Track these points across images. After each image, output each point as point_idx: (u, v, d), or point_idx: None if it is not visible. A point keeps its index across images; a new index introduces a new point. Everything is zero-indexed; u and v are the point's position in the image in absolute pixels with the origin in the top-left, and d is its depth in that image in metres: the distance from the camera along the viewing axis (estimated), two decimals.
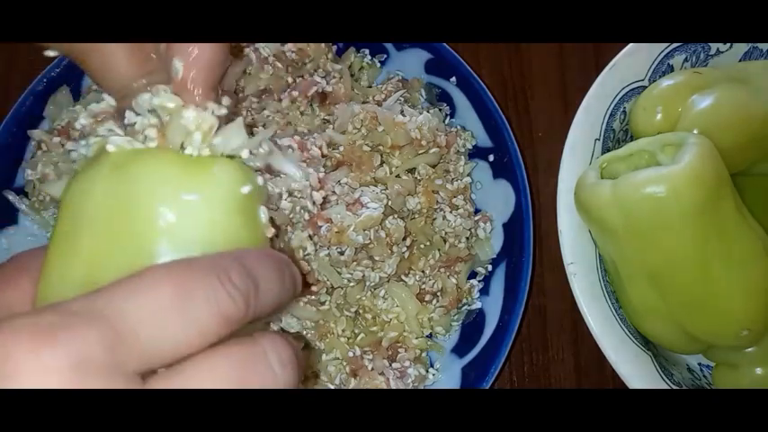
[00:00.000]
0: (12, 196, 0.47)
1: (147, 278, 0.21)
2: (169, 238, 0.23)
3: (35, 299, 0.24)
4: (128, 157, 0.24)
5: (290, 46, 0.47)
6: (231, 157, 0.26)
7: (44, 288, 0.24)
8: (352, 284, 0.44)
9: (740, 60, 0.47)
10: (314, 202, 0.41)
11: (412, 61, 0.51)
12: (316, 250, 0.42)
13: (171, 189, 0.24)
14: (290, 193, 0.42)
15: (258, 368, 0.22)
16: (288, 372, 0.23)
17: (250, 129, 0.27)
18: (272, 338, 0.23)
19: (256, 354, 0.22)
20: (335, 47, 0.50)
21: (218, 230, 0.24)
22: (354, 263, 0.43)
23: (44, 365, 0.18)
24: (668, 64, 0.45)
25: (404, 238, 0.44)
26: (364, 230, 0.42)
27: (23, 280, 0.25)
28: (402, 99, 0.48)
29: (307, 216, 0.41)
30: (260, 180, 0.26)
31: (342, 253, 0.42)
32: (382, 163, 0.45)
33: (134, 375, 0.20)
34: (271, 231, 0.27)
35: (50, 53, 0.27)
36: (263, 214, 0.26)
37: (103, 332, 0.19)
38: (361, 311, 0.45)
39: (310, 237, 0.42)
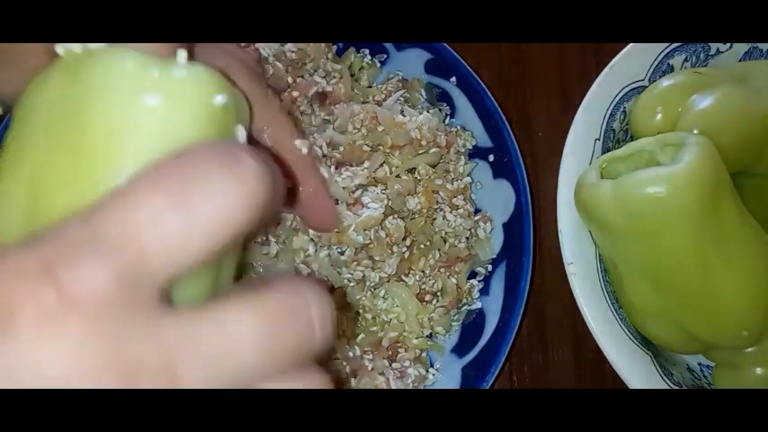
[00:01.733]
0: None
1: (138, 187, 0.18)
2: (130, 148, 0.20)
3: None
4: (80, 59, 0.21)
5: (290, 46, 0.47)
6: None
7: None
8: (352, 284, 0.44)
9: (740, 60, 0.47)
10: None
11: (412, 61, 0.51)
12: (316, 250, 0.42)
13: (129, 90, 0.20)
14: None
15: (298, 322, 0.20)
16: (326, 332, 0.20)
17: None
18: (316, 291, 0.21)
19: (298, 307, 0.20)
20: (335, 47, 0.50)
21: (186, 141, 0.20)
22: (354, 263, 0.43)
23: (47, 312, 0.16)
24: (668, 64, 0.45)
25: (404, 238, 0.44)
26: (364, 230, 0.42)
27: None
28: (402, 99, 0.48)
29: None
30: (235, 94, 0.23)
31: (342, 253, 0.42)
32: (382, 163, 0.45)
33: (153, 302, 0.18)
34: None
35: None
36: (241, 134, 0.23)
37: (111, 261, 0.17)
38: (361, 311, 0.45)
39: (311, 239, 0.42)
